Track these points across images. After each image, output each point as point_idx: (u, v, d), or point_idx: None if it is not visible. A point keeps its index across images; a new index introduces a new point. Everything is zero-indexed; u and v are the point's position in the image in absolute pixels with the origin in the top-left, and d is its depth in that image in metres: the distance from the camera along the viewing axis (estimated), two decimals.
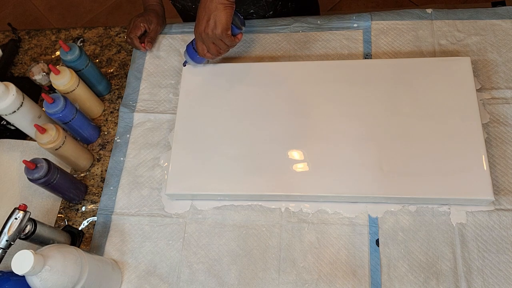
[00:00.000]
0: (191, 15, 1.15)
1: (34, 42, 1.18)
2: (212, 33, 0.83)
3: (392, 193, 0.81)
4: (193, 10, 1.12)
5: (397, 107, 0.87)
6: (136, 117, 1.00)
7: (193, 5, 1.10)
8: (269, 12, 1.10)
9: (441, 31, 0.98)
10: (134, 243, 0.88)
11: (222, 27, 0.82)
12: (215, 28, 0.82)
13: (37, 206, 0.94)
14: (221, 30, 0.82)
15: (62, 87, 0.92)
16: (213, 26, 0.82)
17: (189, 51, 0.94)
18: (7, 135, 1.02)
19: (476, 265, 0.77)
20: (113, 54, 1.11)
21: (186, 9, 1.14)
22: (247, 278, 0.82)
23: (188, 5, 1.11)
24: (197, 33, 0.86)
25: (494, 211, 0.81)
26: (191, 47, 0.93)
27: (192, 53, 0.94)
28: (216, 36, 0.83)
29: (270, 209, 0.87)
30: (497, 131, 0.87)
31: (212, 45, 0.86)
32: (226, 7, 0.81)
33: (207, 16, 0.82)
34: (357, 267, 0.80)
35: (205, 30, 0.83)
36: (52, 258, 0.68)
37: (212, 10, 0.81)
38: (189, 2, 1.10)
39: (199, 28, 0.84)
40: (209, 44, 0.86)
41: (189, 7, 1.12)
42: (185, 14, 1.17)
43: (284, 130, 0.88)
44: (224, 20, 0.82)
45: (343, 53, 1.00)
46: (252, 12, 1.10)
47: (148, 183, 0.93)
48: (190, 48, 0.94)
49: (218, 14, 0.81)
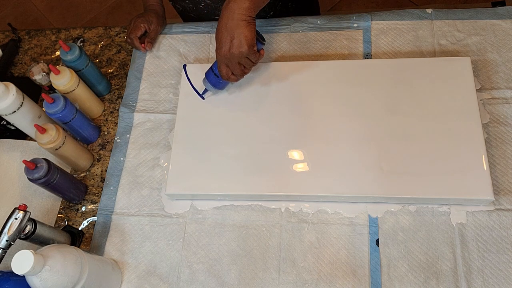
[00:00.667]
0: (191, 17, 1.15)
1: (34, 42, 1.18)
2: (238, 52, 0.79)
3: (392, 193, 0.81)
4: (194, 12, 1.12)
5: (397, 107, 0.87)
6: (136, 117, 1.00)
7: (194, 6, 1.10)
8: (270, 13, 1.10)
9: (441, 31, 0.99)
10: (134, 243, 0.88)
11: (248, 43, 0.79)
12: (241, 46, 0.79)
13: (37, 206, 0.94)
14: (248, 46, 0.79)
15: (62, 87, 0.93)
16: (238, 44, 0.79)
17: (209, 78, 0.89)
18: (7, 135, 1.02)
19: (476, 265, 0.77)
20: (113, 54, 1.11)
21: (187, 11, 1.14)
22: (247, 278, 0.82)
23: (189, 7, 1.11)
24: (220, 56, 0.81)
25: (494, 211, 0.81)
26: (212, 74, 0.88)
27: (214, 79, 0.89)
28: (242, 55, 0.80)
29: (270, 209, 0.87)
30: (497, 131, 0.87)
31: (237, 65, 0.82)
32: (249, 23, 0.79)
33: (230, 36, 0.79)
34: (357, 267, 0.80)
35: (230, 50, 0.79)
36: (52, 258, 0.68)
37: (234, 29, 0.78)
38: (190, 4, 1.10)
39: (223, 50, 0.80)
40: (234, 65, 0.82)
41: (190, 8, 1.12)
42: (186, 15, 1.17)
43: (284, 130, 0.88)
44: (250, 36, 0.79)
45: (343, 53, 1.00)
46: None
47: (148, 183, 0.93)
48: (211, 75, 0.89)
49: (242, 31, 0.78)
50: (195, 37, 1.08)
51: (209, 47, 1.06)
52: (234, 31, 0.78)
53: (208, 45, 1.06)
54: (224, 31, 0.79)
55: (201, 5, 1.09)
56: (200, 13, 1.11)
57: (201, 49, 1.06)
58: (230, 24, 0.78)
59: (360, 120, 0.87)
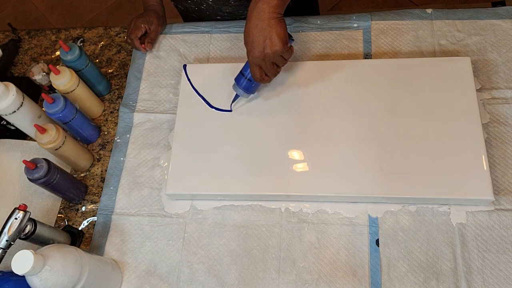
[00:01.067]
0: (193, 17, 1.15)
1: (34, 42, 1.18)
2: (272, 51, 0.77)
3: (392, 193, 0.81)
4: (195, 12, 1.12)
5: (397, 107, 0.87)
6: (136, 117, 1.00)
7: (195, 7, 1.10)
8: None
9: (441, 31, 0.99)
10: (134, 243, 0.88)
11: (282, 41, 0.77)
12: (275, 45, 0.77)
13: (37, 206, 0.94)
14: (282, 44, 0.77)
15: (62, 87, 0.93)
16: (273, 43, 0.77)
17: (241, 83, 0.87)
18: (7, 135, 1.02)
19: (476, 265, 0.77)
20: (113, 54, 1.11)
21: (189, 11, 1.14)
22: (247, 278, 0.82)
23: (191, 8, 1.11)
24: (254, 58, 0.79)
25: (494, 211, 0.81)
26: (242, 78, 0.86)
27: (247, 84, 0.86)
28: (277, 54, 0.78)
29: (270, 209, 0.87)
30: (497, 131, 0.87)
31: (271, 65, 0.81)
32: (280, 20, 0.77)
33: (263, 36, 0.77)
34: (357, 267, 0.80)
35: (265, 51, 0.78)
36: (52, 258, 0.68)
37: (266, 28, 0.76)
38: (192, 4, 1.10)
39: (256, 52, 0.78)
40: (268, 66, 0.80)
41: (192, 9, 1.12)
42: (187, 15, 1.17)
43: (284, 130, 0.88)
44: (283, 34, 0.77)
45: (343, 53, 1.00)
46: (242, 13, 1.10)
47: (148, 183, 0.93)
48: (242, 80, 0.87)
49: (275, 29, 0.76)
50: (195, 37, 1.08)
51: (209, 47, 1.06)
52: (266, 31, 0.76)
53: (208, 45, 1.06)
54: (255, 32, 0.77)
55: (203, 6, 1.09)
56: (202, 14, 1.12)
57: (201, 49, 1.06)
58: (261, 24, 0.77)
59: (360, 120, 0.87)
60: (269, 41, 0.77)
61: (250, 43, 0.79)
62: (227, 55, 1.04)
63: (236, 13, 1.10)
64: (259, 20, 0.77)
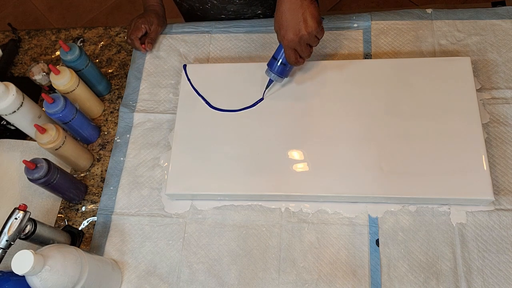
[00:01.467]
0: (198, 15, 1.14)
1: (34, 42, 1.18)
2: (307, 32, 0.77)
3: (392, 193, 0.81)
4: (200, 11, 1.12)
5: (397, 107, 0.87)
6: (136, 117, 1.00)
7: (200, 6, 1.10)
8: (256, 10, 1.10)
9: (441, 31, 0.99)
10: (134, 243, 0.88)
11: (317, 21, 0.77)
12: (310, 26, 0.77)
13: (37, 206, 0.94)
14: (317, 24, 0.77)
15: (62, 87, 0.93)
16: (307, 24, 0.77)
17: (275, 68, 0.87)
18: (7, 135, 1.02)
19: (476, 265, 0.77)
20: (113, 54, 1.11)
21: (193, 9, 1.13)
22: (247, 278, 0.82)
23: (196, 6, 1.11)
24: (288, 41, 0.79)
25: (494, 211, 0.81)
26: (276, 63, 0.86)
27: (280, 68, 0.86)
28: (312, 34, 0.78)
29: (270, 209, 0.87)
30: (497, 131, 0.87)
31: (306, 47, 0.80)
32: (312, 1, 0.76)
33: (297, 18, 0.76)
34: (357, 267, 0.80)
35: (300, 33, 0.77)
36: (52, 258, 0.68)
37: (299, 10, 0.76)
38: (197, 3, 1.09)
39: (291, 35, 0.78)
40: (303, 48, 0.80)
41: (197, 7, 1.11)
42: (192, 14, 1.16)
43: (284, 130, 0.89)
44: (316, 14, 0.77)
45: (343, 53, 1.00)
46: (260, 13, 1.10)
47: (148, 183, 0.93)
48: (275, 65, 0.86)
49: (309, 10, 0.76)
50: (195, 37, 1.08)
51: (209, 47, 1.06)
52: (300, 12, 0.76)
53: (208, 45, 1.06)
54: (288, 15, 0.77)
55: (207, 5, 1.08)
56: (206, 12, 1.11)
57: (201, 49, 1.06)
58: (295, 6, 0.76)
59: (360, 120, 0.87)
60: (304, 22, 0.76)
61: (284, 26, 0.78)
62: (227, 55, 1.04)
63: (240, 12, 1.10)
64: (291, 2, 0.76)
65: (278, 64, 0.86)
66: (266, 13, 1.10)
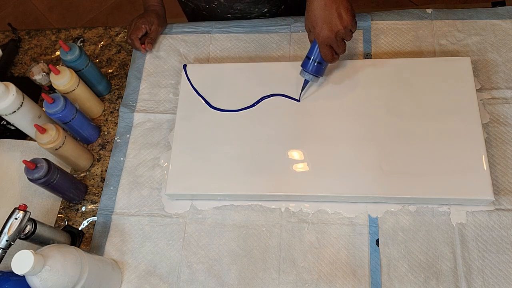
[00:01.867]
0: (203, 14, 1.14)
1: (34, 42, 1.18)
2: (343, 27, 0.76)
3: (392, 193, 0.81)
4: (206, 10, 1.12)
5: (397, 107, 0.87)
6: (136, 117, 1.00)
7: (206, 5, 1.10)
8: (281, 7, 1.09)
9: (441, 31, 0.98)
10: (134, 243, 0.88)
11: (352, 14, 0.76)
12: (344, 20, 0.76)
13: (37, 206, 0.94)
14: (352, 17, 0.76)
15: (62, 87, 0.93)
16: (342, 19, 0.76)
17: (310, 68, 0.85)
18: (7, 135, 1.02)
19: (476, 265, 0.77)
20: (113, 54, 1.11)
21: (199, 8, 1.13)
22: (247, 278, 0.82)
23: (202, 5, 1.11)
24: (324, 38, 0.78)
25: (494, 211, 0.81)
26: (310, 63, 0.85)
27: (317, 67, 0.85)
28: (348, 28, 0.77)
29: (270, 209, 0.87)
30: (497, 131, 0.87)
31: (341, 42, 0.80)
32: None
33: (331, 14, 0.75)
34: (357, 267, 0.80)
35: (335, 28, 0.76)
36: (52, 258, 0.68)
37: (333, 5, 0.75)
38: (203, 2, 1.09)
39: (326, 31, 0.77)
40: (339, 43, 0.79)
41: (203, 7, 1.11)
42: (196, 13, 1.16)
43: (284, 130, 0.88)
44: (350, 7, 0.76)
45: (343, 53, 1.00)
46: (266, 11, 1.10)
47: (148, 183, 0.93)
48: (311, 64, 0.85)
49: (342, 4, 0.75)
50: (195, 37, 1.08)
51: (209, 47, 1.06)
52: (333, 8, 0.75)
53: (208, 45, 1.06)
54: (321, 12, 0.76)
55: (214, 4, 1.08)
56: (212, 11, 1.11)
57: (201, 49, 1.06)
58: (327, 2, 0.75)
59: (360, 120, 0.87)
60: (339, 17, 0.76)
61: (319, 24, 0.77)
62: (227, 55, 1.04)
63: (247, 11, 1.09)
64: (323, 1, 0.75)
65: (314, 64, 0.85)
66: (272, 11, 1.09)
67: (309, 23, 0.79)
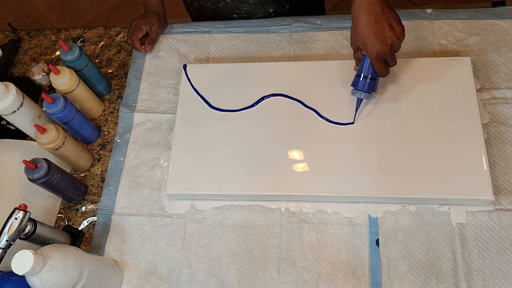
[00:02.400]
0: (208, 15, 1.14)
1: (34, 42, 1.18)
2: (396, 38, 0.75)
3: (392, 193, 0.81)
4: (211, 10, 1.12)
5: (397, 107, 0.87)
6: (136, 117, 1.00)
7: (212, 5, 1.09)
8: (286, 6, 1.10)
9: (441, 31, 0.98)
10: (134, 243, 0.88)
11: (401, 24, 0.76)
12: (397, 31, 0.75)
13: (37, 206, 0.94)
14: (402, 27, 0.76)
15: (62, 87, 0.92)
16: (394, 31, 0.75)
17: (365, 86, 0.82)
18: (7, 135, 1.02)
19: (476, 265, 0.77)
20: (113, 54, 1.11)
21: (204, 9, 1.13)
22: (247, 278, 0.82)
23: (207, 5, 1.10)
24: (378, 53, 0.76)
25: (494, 211, 0.81)
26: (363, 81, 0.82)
27: (371, 84, 0.82)
28: (400, 40, 0.76)
29: (270, 209, 0.87)
30: (497, 131, 0.87)
31: (393, 54, 0.79)
32: (390, 6, 0.75)
33: (382, 28, 0.74)
34: (357, 267, 0.80)
35: (389, 41, 0.75)
36: (52, 258, 0.68)
37: (383, 19, 0.74)
38: (208, 2, 1.09)
39: (380, 46, 0.75)
40: (392, 56, 0.79)
41: (208, 7, 1.11)
42: (201, 13, 1.15)
43: (284, 130, 0.88)
44: (398, 18, 0.75)
45: (343, 53, 1.00)
46: (272, 11, 1.10)
47: (148, 183, 0.93)
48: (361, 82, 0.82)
49: (392, 16, 0.75)
50: (195, 37, 1.08)
51: (209, 47, 1.06)
52: (384, 21, 0.74)
53: (208, 45, 1.06)
54: (373, 27, 0.75)
55: (220, 4, 1.08)
56: (217, 12, 1.11)
57: (201, 49, 1.06)
58: (377, 17, 0.74)
59: (360, 120, 0.87)
60: (391, 30, 0.75)
61: (371, 40, 0.76)
62: (227, 55, 1.04)
63: (253, 12, 1.09)
64: (372, 14, 0.74)
65: (368, 81, 0.82)
66: (277, 10, 1.09)
67: (358, 41, 0.78)
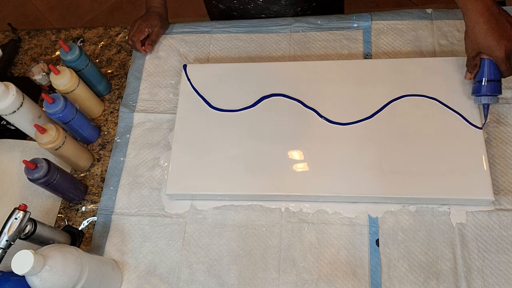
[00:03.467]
0: (234, 16, 1.13)
1: (34, 42, 1.18)
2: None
3: (392, 193, 0.81)
4: (239, 10, 1.11)
5: (397, 107, 0.87)
6: (136, 117, 1.00)
7: (240, 5, 1.09)
8: (312, 4, 1.10)
9: (441, 31, 0.98)
10: (134, 243, 0.88)
11: None
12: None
13: (37, 206, 0.94)
14: None
15: (62, 87, 0.93)
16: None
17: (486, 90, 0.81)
18: (7, 135, 1.02)
19: (476, 265, 0.77)
20: (113, 54, 1.11)
21: (231, 10, 1.12)
22: (247, 278, 0.82)
23: (235, 6, 1.10)
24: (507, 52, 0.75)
25: (494, 211, 0.81)
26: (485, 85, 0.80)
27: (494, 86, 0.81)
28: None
29: (270, 209, 0.87)
30: (497, 131, 0.87)
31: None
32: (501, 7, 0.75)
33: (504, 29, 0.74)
34: (357, 267, 0.80)
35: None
36: (52, 258, 0.68)
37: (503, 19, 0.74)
38: (237, 3, 1.09)
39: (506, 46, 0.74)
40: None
41: (236, 8, 1.10)
42: (226, 15, 1.15)
43: (284, 130, 0.88)
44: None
45: (343, 53, 1.00)
46: (299, 10, 1.10)
47: (148, 183, 0.93)
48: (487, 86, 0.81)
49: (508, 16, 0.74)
50: (195, 37, 1.08)
51: (209, 47, 1.06)
52: (503, 21, 0.74)
53: (208, 45, 1.06)
54: (495, 30, 0.74)
55: (249, 6, 1.08)
56: (246, 12, 1.11)
57: (201, 49, 1.06)
58: (498, 18, 0.74)
59: (359, 120, 0.87)
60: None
61: (494, 42, 0.75)
62: (227, 55, 1.04)
63: (282, 12, 1.09)
64: (492, 16, 0.74)
65: (490, 84, 0.81)
66: (304, 8, 1.09)
67: (481, 45, 0.77)
